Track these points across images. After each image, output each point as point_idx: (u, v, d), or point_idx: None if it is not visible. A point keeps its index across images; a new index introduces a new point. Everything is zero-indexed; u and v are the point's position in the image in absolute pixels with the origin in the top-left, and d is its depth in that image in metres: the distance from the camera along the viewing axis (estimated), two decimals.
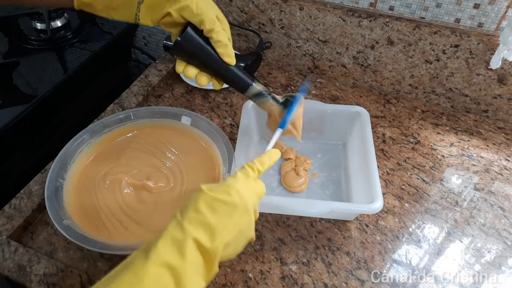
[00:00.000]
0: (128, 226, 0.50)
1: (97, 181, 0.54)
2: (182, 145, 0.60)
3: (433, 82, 0.72)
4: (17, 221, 0.55)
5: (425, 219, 0.56)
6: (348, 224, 0.56)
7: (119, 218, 0.51)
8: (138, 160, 0.58)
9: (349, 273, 0.50)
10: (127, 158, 0.58)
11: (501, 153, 0.65)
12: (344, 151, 0.65)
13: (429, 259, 0.52)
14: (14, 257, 0.51)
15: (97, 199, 0.53)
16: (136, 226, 0.50)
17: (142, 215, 0.51)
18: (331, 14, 0.71)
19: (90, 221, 0.50)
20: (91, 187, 0.54)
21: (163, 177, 0.55)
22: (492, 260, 0.52)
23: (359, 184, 0.55)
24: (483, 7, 0.62)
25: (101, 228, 0.50)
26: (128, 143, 0.61)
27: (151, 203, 0.53)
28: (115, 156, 0.58)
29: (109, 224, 0.50)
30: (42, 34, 0.84)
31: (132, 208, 0.52)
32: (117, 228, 0.50)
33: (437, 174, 0.62)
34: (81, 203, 0.52)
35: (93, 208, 0.52)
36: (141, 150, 0.60)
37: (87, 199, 0.53)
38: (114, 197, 0.53)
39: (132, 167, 0.57)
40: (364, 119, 0.59)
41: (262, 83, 0.80)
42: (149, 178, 0.55)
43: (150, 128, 0.62)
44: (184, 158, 0.58)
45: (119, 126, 0.61)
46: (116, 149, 0.59)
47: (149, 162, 0.58)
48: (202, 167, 0.57)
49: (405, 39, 0.68)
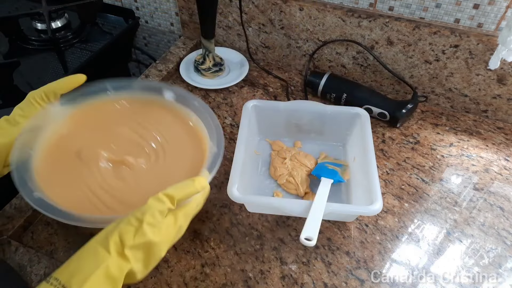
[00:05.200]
0: (107, 203, 0.46)
1: (71, 156, 0.50)
2: (163, 120, 0.56)
3: (432, 82, 0.72)
4: (18, 221, 0.55)
5: (425, 219, 0.56)
6: (347, 224, 0.56)
7: (97, 195, 0.47)
8: (116, 135, 0.53)
9: (349, 273, 0.51)
10: (104, 132, 0.53)
11: (501, 153, 0.66)
12: (344, 152, 0.65)
13: (428, 259, 0.52)
14: (15, 257, 0.52)
15: (71, 175, 0.48)
16: (116, 203, 0.46)
17: (122, 193, 0.47)
18: (331, 15, 0.71)
19: (64, 197, 0.45)
20: (65, 162, 0.49)
21: (144, 153, 0.51)
22: (492, 260, 0.52)
23: (359, 185, 0.55)
24: (482, 7, 0.62)
25: (78, 206, 0.45)
26: (105, 117, 0.55)
27: (131, 180, 0.49)
28: (91, 130, 0.53)
29: (86, 201, 0.46)
30: (43, 34, 0.84)
31: (110, 185, 0.48)
32: (96, 205, 0.46)
33: (436, 174, 0.62)
34: (53, 178, 0.47)
35: (67, 184, 0.47)
36: (119, 124, 0.55)
37: (60, 174, 0.48)
38: (91, 173, 0.48)
39: (109, 142, 0.52)
40: (364, 120, 0.59)
41: (262, 84, 0.80)
42: (128, 154, 0.50)
43: (130, 102, 0.57)
44: (166, 134, 0.54)
45: (96, 98, 0.55)
46: (92, 123, 0.54)
47: (128, 137, 0.53)
48: (187, 142, 0.53)
49: (404, 39, 0.68)
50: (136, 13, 0.94)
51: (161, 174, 0.50)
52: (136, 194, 0.47)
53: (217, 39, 0.87)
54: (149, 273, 0.51)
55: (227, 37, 0.86)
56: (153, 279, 0.50)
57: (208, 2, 0.71)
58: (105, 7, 0.91)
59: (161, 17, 0.93)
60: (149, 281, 0.50)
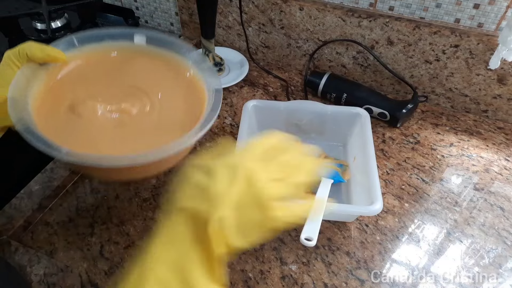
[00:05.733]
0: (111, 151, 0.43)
1: (65, 112, 0.46)
2: (143, 65, 0.52)
3: (432, 82, 0.72)
4: (18, 221, 0.55)
5: (425, 219, 0.56)
6: (348, 224, 0.56)
7: (104, 146, 0.44)
8: (101, 87, 0.49)
9: (349, 273, 0.50)
10: (87, 87, 0.49)
11: (501, 153, 0.66)
12: (344, 152, 0.65)
13: (428, 259, 0.52)
14: (15, 257, 0.52)
15: (72, 130, 0.45)
16: (126, 150, 0.43)
17: (126, 140, 0.45)
18: (331, 14, 0.71)
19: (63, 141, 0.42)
20: (60, 119, 0.46)
21: (137, 100, 0.48)
22: (492, 260, 0.52)
23: (359, 185, 0.55)
24: (482, 7, 0.62)
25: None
26: (81, 74, 0.51)
27: (133, 127, 0.46)
28: (72, 88, 0.49)
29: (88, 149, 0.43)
30: (42, 34, 0.84)
31: (113, 133, 0.45)
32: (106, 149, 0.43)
33: (437, 174, 0.62)
34: (56, 136, 0.42)
35: (71, 140, 0.43)
36: (99, 77, 0.51)
37: (61, 132, 0.44)
38: (91, 126, 0.45)
39: (97, 95, 0.48)
40: (364, 120, 0.59)
41: (262, 83, 0.80)
42: (122, 101, 0.47)
43: (101, 53, 0.52)
44: (151, 78, 0.51)
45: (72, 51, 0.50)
46: (70, 81, 0.50)
47: (115, 87, 0.50)
48: (180, 87, 0.51)
49: (405, 39, 0.68)
50: (136, 13, 0.94)
51: (158, 120, 0.47)
52: (138, 141, 0.45)
53: (217, 39, 0.87)
54: None
55: (227, 37, 0.86)
56: None
57: (208, 2, 0.71)
58: (105, 7, 0.91)
59: (161, 17, 0.93)
60: None
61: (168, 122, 0.48)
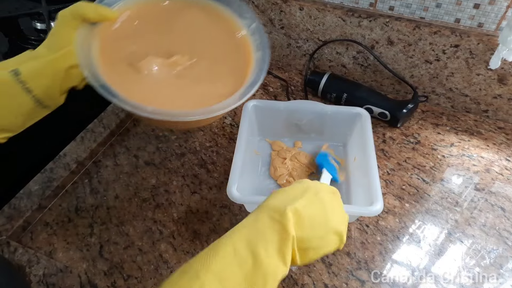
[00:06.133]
0: (179, 104, 0.46)
1: (123, 70, 0.47)
2: (194, 16, 0.52)
3: (433, 82, 0.71)
4: (17, 221, 0.55)
5: (426, 219, 0.56)
6: (348, 225, 0.55)
7: (159, 96, 0.46)
8: (153, 38, 0.50)
9: (350, 274, 0.50)
10: (140, 40, 0.50)
11: (502, 153, 0.65)
12: (344, 152, 0.65)
13: (429, 259, 0.52)
14: (14, 257, 0.51)
15: (137, 84, 0.46)
16: (189, 102, 0.46)
17: (188, 90, 0.47)
18: (331, 14, 0.71)
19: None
20: (123, 73, 0.47)
21: (188, 51, 0.49)
22: (493, 260, 0.52)
23: (359, 186, 0.55)
24: (483, 7, 0.62)
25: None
26: (132, 26, 0.50)
27: (191, 76, 0.48)
28: (126, 42, 0.49)
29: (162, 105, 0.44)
30: (42, 34, 0.83)
31: (170, 85, 0.47)
32: (172, 102, 0.46)
33: (437, 174, 0.62)
34: (124, 91, 0.44)
35: (138, 94, 0.45)
36: (150, 28, 0.51)
37: (127, 86, 0.45)
38: (152, 79, 0.47)
39: (150, 48, 0.49)
40: (364, 120, 0.59)
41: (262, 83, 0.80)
42: (175, 53, 0.49)
43: (152, 2, 0.52)
44: (200, 31, 0.52)
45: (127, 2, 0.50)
46: (123, 35, 0.49)
47: (166, 38, 0.51)
48: (223, 37, 0.52)
49: (405, 39, 0.68)
50: None
51: (205, 69, 0.49)
52: (197, 89, 0.48)
53: None
54: (149, 274, 0.51)
55: None
56: (152, 280, 0.50)
57: None
58: None
59: None
60: (149, 282, 0.50)
61: (217, 74, 0.49)
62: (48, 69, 0.40)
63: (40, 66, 0.40)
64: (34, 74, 0.40)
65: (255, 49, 0.51)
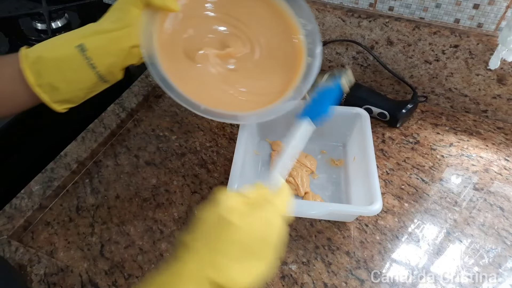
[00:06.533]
0: (236, 96, 0.48)
1: (182, 57, 0.48)
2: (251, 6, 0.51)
3: (432, 82, 0.72)
4: (18, 221, 0.55)
5: (425, 219, 0.56)
6: (347, 224, 0.56)
7: (225, 90, 0.48)
8: (209, 28, 0.50)
9: (349, 273, 0.51)
10: (196, 29, 0.49)
11: (501, 153, 0.66)
12: (344, 152, 0.65)
13: (428, 259, 0.52)
14: (15, 257, 0.52)
15: (195, 77, 0.48)
16: (245, 94, 0.49)
17: (242, 82, 0.49)
18: (331, 15, 0.71)
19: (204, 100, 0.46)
20: (182, 64, 0.48)
21: (237, 40, 0.50)
22: (492, 260, 0.52)
23: (359, 185, 0.55)
24: (482, 7, 0.62)
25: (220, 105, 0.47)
26: (189, 13, 0.49)
27: (242, 69, 0.49)
28: (182, 31, 0.49)
29: (221, 99, 0.47)
30: (43, 34, 0.84)
31: (231, 78, 0.49)
32: (232, 102, 0.48)
33: (436, 174, 0.62)
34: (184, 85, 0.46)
35: (197, 87, 0.47)
36: (206, 17, 0.50)
37: (185, 79, 0.47)
38: (208, 71, 0.48)
39: (206, 38, 0.49)
40: (364, 120, 0.59)
41: None
42: (227, 45, 0.49)
43: None
44: (257, 22, 0.51)
45: None
46: (180, 23, 0.49)
47: (221, 27, 0.50)
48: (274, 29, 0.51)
49: (404, 39, 0.68)
50: None
51: (259, 60, 0.50)
52: (252, 82, 0.49)
53: None
54: (149, 273, 0.51)
55: None
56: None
57: None
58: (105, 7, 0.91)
59: None
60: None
61: (267, 71, 0.50)
62: (112, 47, 0.41)
63: (105, 43, 0.40)
64: (99, 51, 0.40)
65: (307, 53, 0.50)
